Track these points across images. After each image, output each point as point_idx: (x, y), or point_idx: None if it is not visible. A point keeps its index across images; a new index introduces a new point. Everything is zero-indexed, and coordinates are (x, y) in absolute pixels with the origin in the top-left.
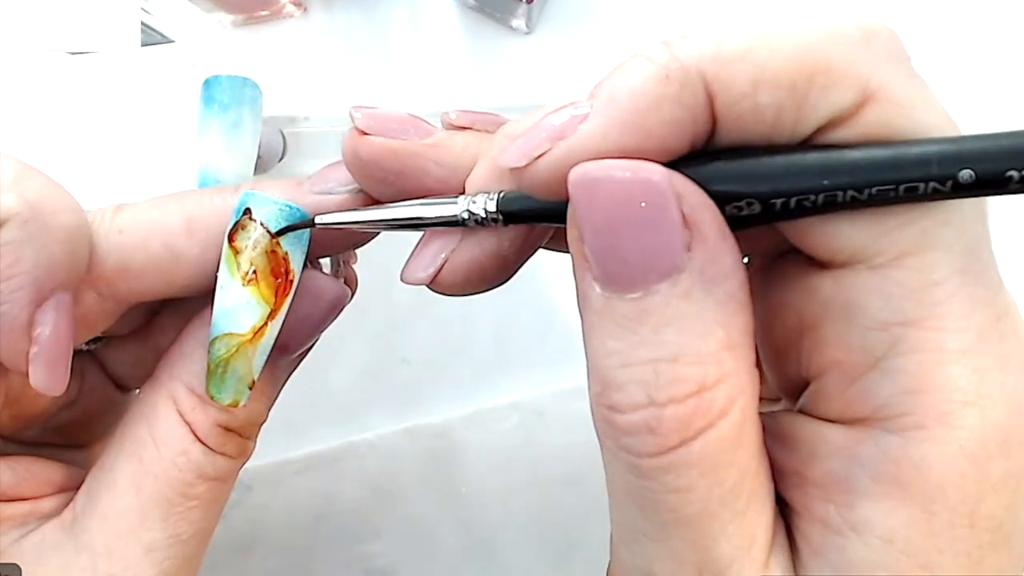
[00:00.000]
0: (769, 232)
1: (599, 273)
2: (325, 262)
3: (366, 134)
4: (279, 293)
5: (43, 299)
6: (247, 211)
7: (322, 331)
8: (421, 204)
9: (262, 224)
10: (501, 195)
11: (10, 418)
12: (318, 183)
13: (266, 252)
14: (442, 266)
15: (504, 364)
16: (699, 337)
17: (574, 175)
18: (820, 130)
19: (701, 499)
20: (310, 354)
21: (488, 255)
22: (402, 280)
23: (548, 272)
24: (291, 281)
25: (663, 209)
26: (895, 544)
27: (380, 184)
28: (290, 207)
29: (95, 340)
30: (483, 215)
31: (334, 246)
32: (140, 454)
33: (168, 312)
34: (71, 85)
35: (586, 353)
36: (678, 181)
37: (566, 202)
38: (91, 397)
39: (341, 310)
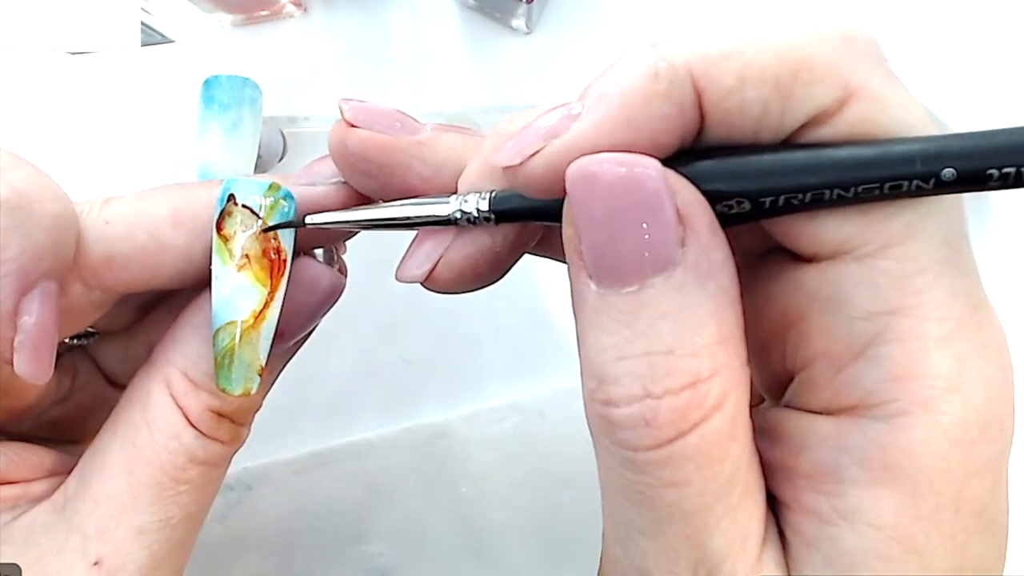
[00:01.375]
0: (752, 230)
1: (594, 269)
2: (319, 251)
3: (354, 126)
4: (274, 274)
5: (28, 287)
6: (231, 197)
7: (318, 320)
8: (412, 204)
9: (247, 207)
10: (493, 194)
11: (0, 411)
12: (303, 177)
13: (255, 236)
14: (436, 264)
15: (504, 364)
16: (693, 330)
17: (572, 169)
18: (803, 127)
19: (697, 493)
20: (310, 354)
21: (481, 253)
22: (397, 279)
23: (548, 272)
24: (284, 260)
25: (659, 202)
26: (885, 530)
27: (364, 177)
28: (270, 185)
29: (87, 335)
30: (475, 214)
31: (325, 238)
32: (133, 437)
33: (161, 308)
34: (71, 85)
35: (580, 351)
36: (671, 177)
37: (559, 200)
38: (84, 393)
39: (337, 299)
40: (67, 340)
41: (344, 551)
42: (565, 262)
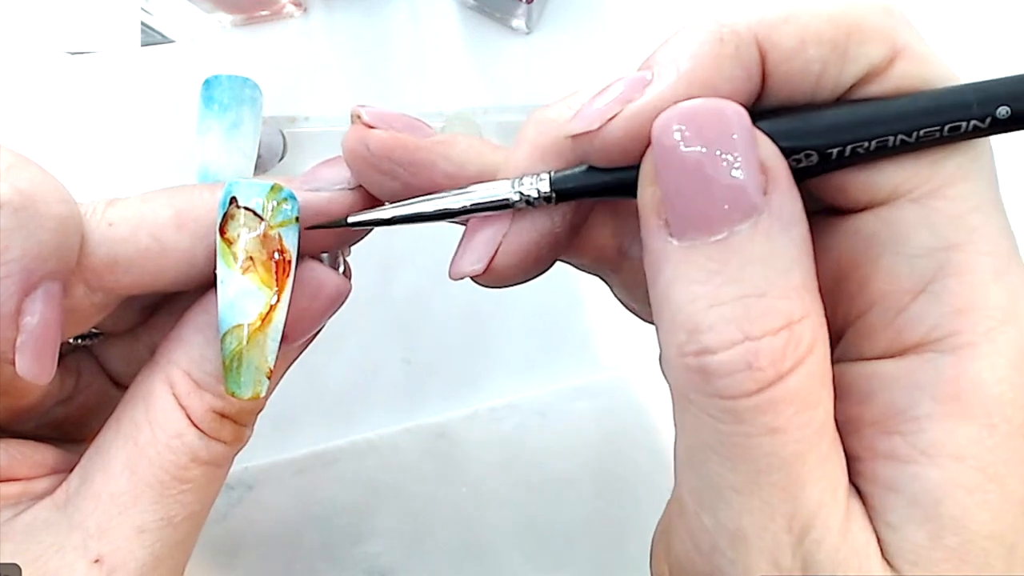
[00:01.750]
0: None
1: (680, 221)
2: (324, 255)
3: (373, 128)
4: (279, 276)
5: (32, 288)
6: (233, 200)
7: (324, 323)
8: (464, 192)
9: (250, 210)
10: (553, 174)
11: (2, 409)
12: (308, 180)
13: (259, 237)
14: (495, 253)
15: (504, 364)
16: (783, 274)
17: (663, 118)
18: (856, 84)
19: (794, 440)
20: (311, 354)
21: (543, 235)
22: (452, 276)
23: (549, 273)
24: (289, 261)
25: (747, 147)
26: (966, 460)
27: (385, 177)
28: (272, 187)
29: (92, 336)
30: (535, 195)
31: (329, 242)
32: (135, 436)
33: (166, 309)
34: (71, 85)
35: (661, 313)
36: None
37: (627, 171)
38: (88, 393)
39: (343, 302)
40: (71, 340)
41: (345, 551)
42: (578, 266)
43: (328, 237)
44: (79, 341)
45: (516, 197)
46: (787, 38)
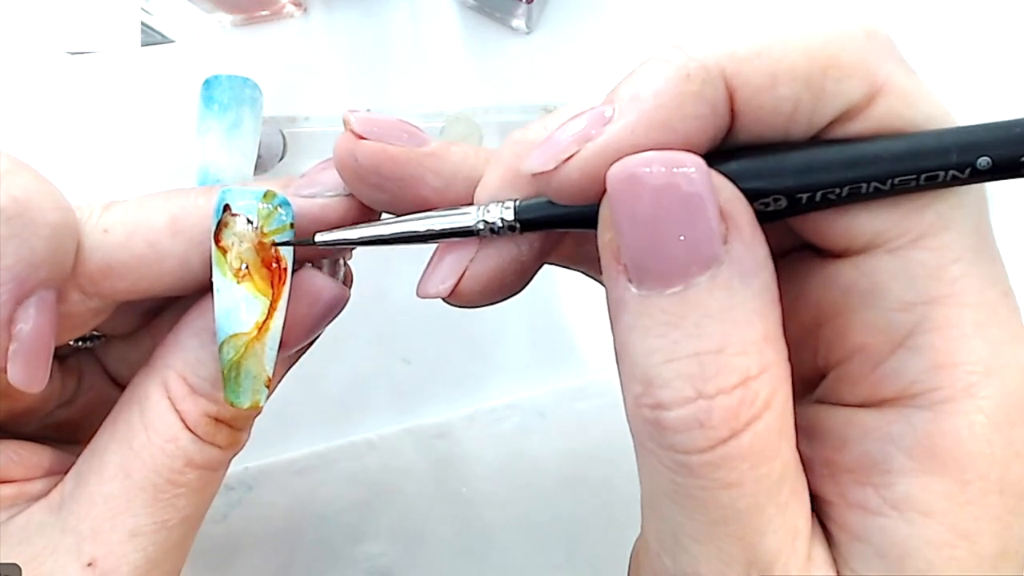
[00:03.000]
0: (776, 228)
1: (637, 271)
2: (325, 262)
3: (363, 138)
4: (275, 283)
5: (25, 296)
6: (226, 207)
7: (322, 330)
8: (430, 217)
9: (244, 217)
10: (517, 203)
11: (2, 411)
12: (304, 186)
13: (254, 245)
14: (460, 278)
15: (504, 364)
16: (741, 328)
17: (615, 170)
18: (833, 123)
19: (750, 493)
20: (311, 355)
21: (508, 263)
22: (419, 295)
23: (548, 274)
24: (285, 270)
25: (704, 199)
26: (935, 517)
27: (373, 190)
28: (265, 193)
29: (93, 338)
30: (499, 224)
31: (325, 250)
32: (130, 439)
33: (168, 312)
34: (71, 85)
35: (621, 358)
36: (712, 174)
37: (590, 206)
38: (89, 395)
39: (341, 309)
40: (73, 343)
41: (344, 551)
42: (578, 269)
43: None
44: (80, 344)
45: (481, 226)
46: (757, 74)
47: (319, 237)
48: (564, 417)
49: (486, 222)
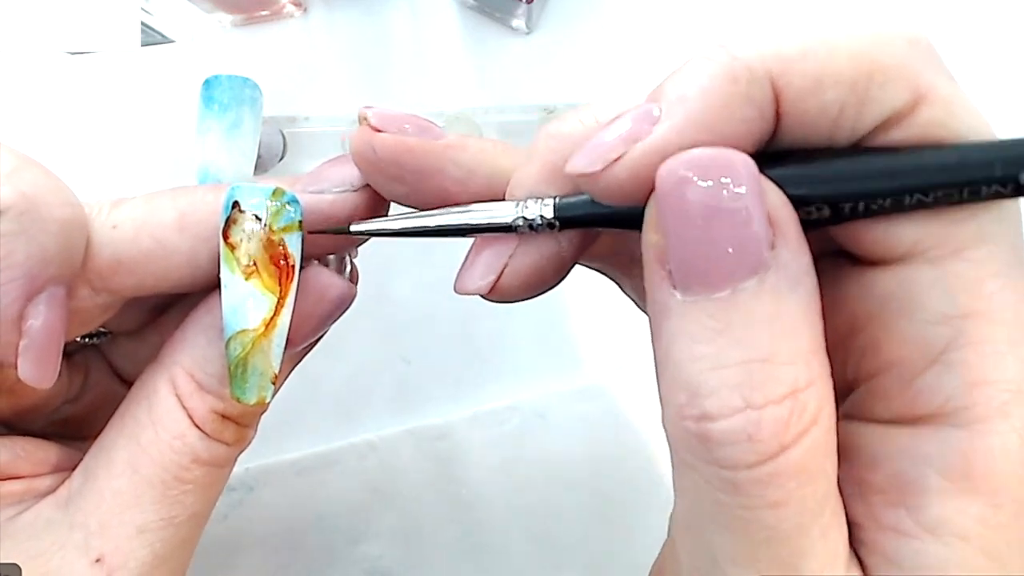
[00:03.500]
0: (811, 234)
1: (683, 274)
2: (332, 258)
3: (380, 131)
4: (283, 280)
5: (35, 292)
6: (235, 204)
7: (328, 327)
8: (468, 211)
9: (253, 214)
10: (557, 200)
11: (9, 408)
12: (312, 182)
13: (262, 242)
14: (501, 274)
15: (504, 365)
16: (789, 336)
17: (665, 170)
18: (876, 129)
19: (796, 513)
20: (312, 355)
21: (548, 259)
22: (457, 291)
23: None
24: (292, 267)
25: (754, 200)
26: (971, 541)
27: (393, 182)
28: (275, 190)
29: (100, 334)
30: (539, 221)
31: (336, 245)
32: (138, 435)
33: (175, 309)
34: (71, 85)
35: (663, 368)
36: (760, 178)
37: (634, 206)
38: (96, 392)
39: (348, 306)
40: (80, 339)
41: (345, 552)
42: (599, 268)
43: (332, 239)
44: (87, 340)
45: (520, 222)
46: (803, 77)
47: (354, 227)
48: (565, 419)
49: (525, 219)
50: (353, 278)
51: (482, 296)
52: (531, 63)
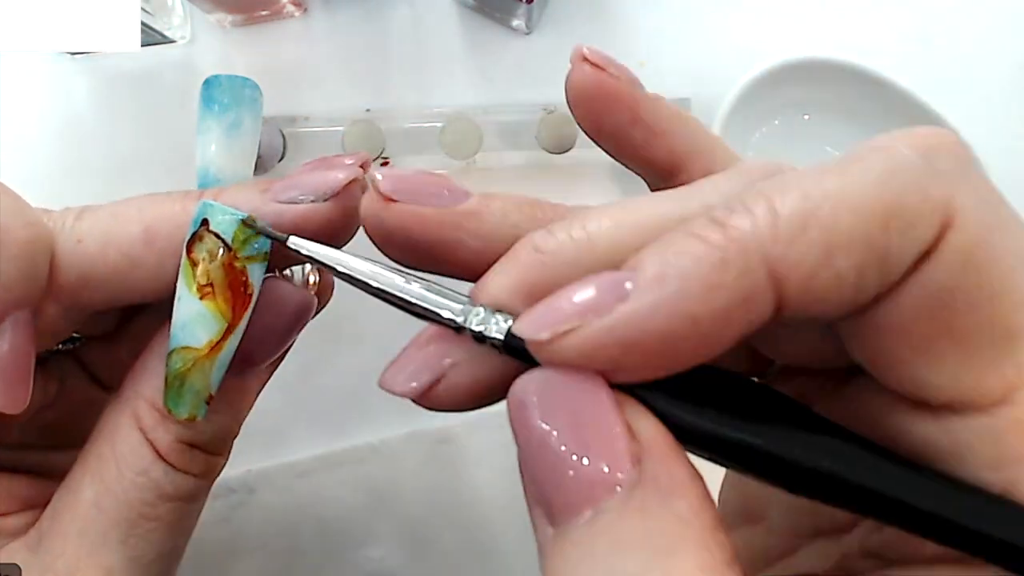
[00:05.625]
0: (827, 343)
1: (543, 504)
2: (297, 270)
3: (391, 199)
4: (237, 308)
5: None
6: (204, 222)
7: (289, 341)
8: (417, 290)
9: (219, 237)
10: (513, 324)
11: None
12: (283, 191)
13: (223, 265)
14: (439, 379)
15: None
16: (664, 556)
17: (513, 390)
18: (905, 275)
19: None
20: (313, 358)
21: (496, 377)
22: (380, 386)
23: None
24: (250, 296)
25: (605, 417)
26: None
27: (405, 254)
28: (246, 218)
29: (72, 340)
30: (484, 335)
31: (298, 258)
32: (102, 473)
33: (149, 313)
34: (71, 85)
35: None
36: (615, 393)
37: None
38: (72, 397)
39: (307, 320)
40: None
41: (346, 555)
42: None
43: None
44: (60, 346)
45: (470, 332)
46: (810, 253)
47: (293, 240)
48: None
49: (473, 330)
50: (324, 289)
51: (413, 400)
52: (531, 63)
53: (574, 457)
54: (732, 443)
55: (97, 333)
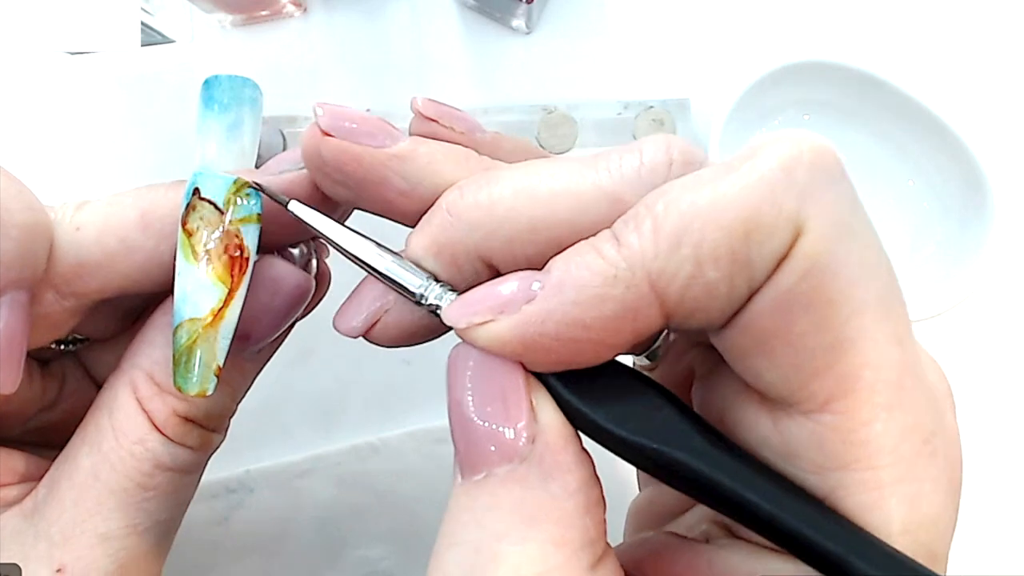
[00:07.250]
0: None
1: (458, 458)
2: (294, 252)
3: (328, 135)
4: (235, 272)
5: None
6: (196, 191)
7: (289, 322)
8: (394, 262)
9: (210, 202)
10: (454, 299)
11: None
12: (272, 166)
13: (219, 230)
14: (374, 324)
15: None
16: (527, 525)
17: (450, 355)
18: (767, 280)
19: None
20: (312, 357)
21: (425, 325)
22: (335, 327)
23: None
24: (247, 259)
25: (514, 396)
26: None
27: (336, 186)
28: (235, 180)
29: (75, 341)
30: (432, 305)
31: (298, 233)
32: (100, 442)
33: (149, 314)
34: (71, 85)
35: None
36: (532, 380)
37: None
38: (73, 399)
39: (305, 300)
40: (55, 346)
41: (345, 555)
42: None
43: (293, 231)
44: (62, 347)
45: (421, 300)
46: (682, 267)
47: (293, 205)
48: None
49: (423, 299)
50: (322, 277)
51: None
52: (531, 63)
53: (484, 424)
54: (607, 433)
55: (98, 335)
